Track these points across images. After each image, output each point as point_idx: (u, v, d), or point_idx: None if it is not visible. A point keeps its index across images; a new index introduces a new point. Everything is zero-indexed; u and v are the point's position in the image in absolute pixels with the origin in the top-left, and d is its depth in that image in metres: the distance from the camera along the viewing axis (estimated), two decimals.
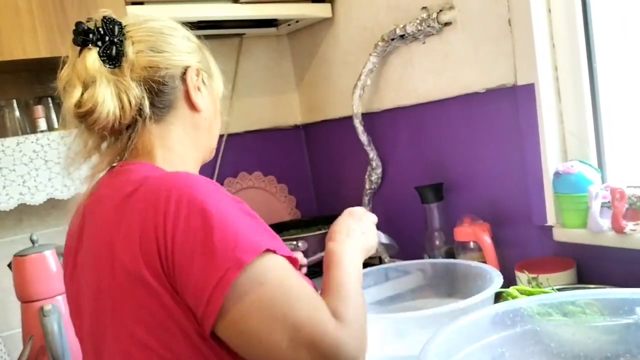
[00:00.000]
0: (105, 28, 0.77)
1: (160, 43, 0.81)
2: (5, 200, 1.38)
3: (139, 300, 0.68)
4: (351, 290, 0.76)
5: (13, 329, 1.46)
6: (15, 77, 1.55)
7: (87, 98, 0.75)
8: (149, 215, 0.68)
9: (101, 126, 0.77)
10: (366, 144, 1.70)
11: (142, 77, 0.78)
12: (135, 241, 0.68)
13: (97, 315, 0.75)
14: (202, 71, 0.86)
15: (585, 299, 0.86)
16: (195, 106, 0.84)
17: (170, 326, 0.68)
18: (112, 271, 0.70)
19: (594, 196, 1.14)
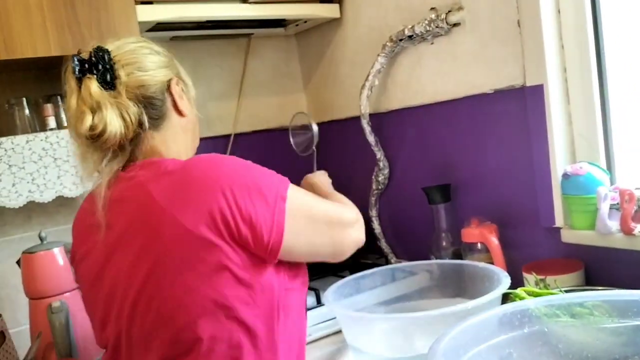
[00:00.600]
0: (97, 57, 0.88)
1: (145, 63, 0.93)
2: (14, 198, 1.38)
3: (196, 253, 0.82)
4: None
5: (21, 326, 1.47)
6: (25, 75, 1.56)
7: (97, 122, 0.86)
8: (210, 188, 0.84)
9: (110, 144, 0.88)
10: (373, 145, 1.70)
11: (136, 95, 0.90)
12: (196, 207, 0.83)
13: (151, 277, 0.85)
14: (180, 79, 0.99)
15: (594, 301, 0.86)
16: (181, 112, 0.97)
17: (221, 272, 0.84)
18: (172, 232, 0.83)
19: (603, 198, 1.13)
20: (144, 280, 0.85)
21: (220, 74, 1.92)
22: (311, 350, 1.29)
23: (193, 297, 0.84)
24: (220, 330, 0.85)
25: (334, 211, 0.97)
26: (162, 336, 0.86)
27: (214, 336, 0.85)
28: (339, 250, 0.98)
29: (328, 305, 1.16)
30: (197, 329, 0.84)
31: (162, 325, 0.86)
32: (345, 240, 0.98)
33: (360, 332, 1.15)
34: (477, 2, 1.34)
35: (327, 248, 0.96)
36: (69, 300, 1.35)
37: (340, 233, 0.97)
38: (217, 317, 0.85)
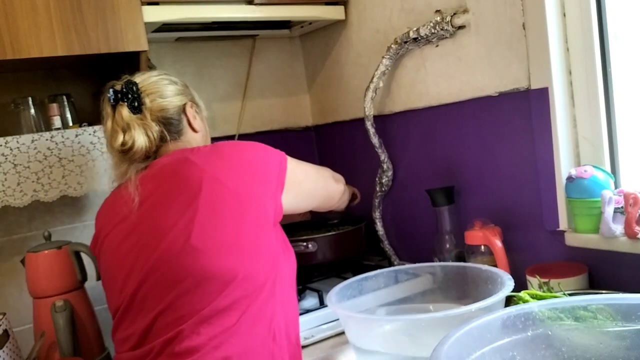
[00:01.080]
0: (127, 88, 1.14)
1: (164, 91, 1.18)
2: (19, 197, 1.39)
3: (238, 208, 1.06)
4: None
5: (25, 325, 1.48)
6: (31, 75, 1.57)
7: (127, 139, 1.11)
8: (244, 156, 1.12)
9: (138, 156, 1.13)
10: (377, 147, 1.70)
11: (158, 117, 1.15)
12: (240, 173, 1.09)
13: (203, 230, 1.04)
14: (194, 103, 1.24)
15: (597, 304, 0.86)
16: (195, 129, 1.22)
17: (260, 222, 1.08)
18: (212, 188, 1.05)
19: (607, 201, 1.13)
20: (183, 227, 1.03)
21: (224, 74, 1.92)
22: (314, 351, 1.29)
23: (223, 234, 1.04)
24: (250, 272, 1.05)
25: (324, 170, 1.33)
26: (191, 270, 1.03)
27: (246, 275, 1.04)
28: (334, 198, 1.35)
29: (331, 307, 1.16)
30: (225, 263, 1.03)
31: (193, 259, 1.02)
32: (337, 191, 1.35)
33: (363, 334, 1.15)
34: (482, 4, 1.34)
35: (325, 198, 1.32)
36: (73, 299, 1.35)
37: (334, 186, 1.34)
38: (250, 259, 1.05)
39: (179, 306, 1.03)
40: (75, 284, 1.38)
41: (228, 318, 1.02)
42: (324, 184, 1.29)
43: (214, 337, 1.01)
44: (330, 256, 1.65)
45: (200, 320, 1.01)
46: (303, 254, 1.58)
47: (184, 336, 1.01)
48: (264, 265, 1.07)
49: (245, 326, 1.03)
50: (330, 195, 1.32)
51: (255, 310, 1.05)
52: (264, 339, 1.06)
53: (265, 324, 1.06)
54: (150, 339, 1.05)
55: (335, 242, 1.63)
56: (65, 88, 1.59)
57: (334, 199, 1.35)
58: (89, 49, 1.34)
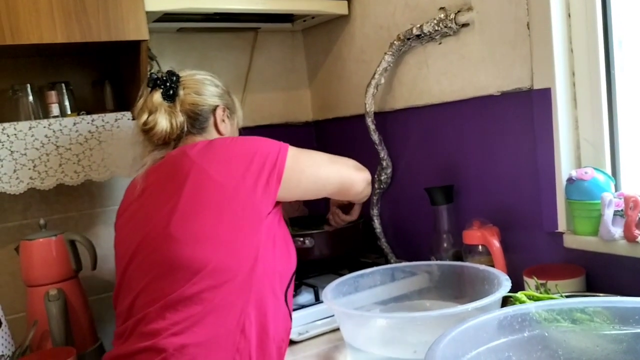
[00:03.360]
0: (167, 77, 1.22)
1: (201, 89, 1.25)
2: (15, 184, 1.38)
3: (222, 200, 1.08)
4: None
5: (18, 313, 1.47)
6: (30, 62, 1.56)
7: (150, 120, 1.19)
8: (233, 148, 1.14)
9: (157, 138, 1.20)
10: (377, 143, 1.69)
11: (187, 110, 1.23)
12: (230, 166, 1.11)
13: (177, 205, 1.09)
14: (227, 109, 1.31)
15: (595, 307, 0.85)
16: (220, 131, 1.28)
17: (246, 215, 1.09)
18: (197, 178, 1.09)
19: (607, 204, 1.12)
20: (165, 214, 1.08)
21: (225, 67, 1.91)
22: (309, 347, 1.28)
23: (198, 225, 1.07)
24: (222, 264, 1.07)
25: (328, 155, 1.29)
26: (165, 259, 1.07)
27: (216, 267, 1.06)
28: (347, 182, 1.29)
29: (326, 303, 1.15)
30: (197, 254, 1.06)
31: (168, 248, 1.07)
32: (352, 175, 1.30)
33: (358, 331, 1.15)
34: (487, 3, 1.33)
35: (336, 181, 1.27)
36: (67, 288, 1.34)
37: (346, 168, 1.30)
38: (227, 251, 1.07)
39: (152, 290, 1.08)
40: (70, 273, 1.37)
41: (193, 307, 1.04)
42: (337, 170, 1.27)
43: (177, 323, 1.04)
44: (327, 252, 1.64)
45: (167, 306, 1.05)
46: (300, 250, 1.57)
47: (150, 318, 1.06)
48: (241, 258, 1.08)
49: (211, 317, 1.05)
50: (346, 183, 1.28)
51: (223, 301, 1.06)
52: (230, 331, 1.06)
53: (233, 316, 1.06)
54: (130, 318, 1.11)
55: (332, 238, 1.63)
56: (64, 76, 1.58)
57: (354, 187, 1.30)
58: (89, 37, 1.33)
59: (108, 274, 1.61)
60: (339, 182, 1.27)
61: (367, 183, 1.34)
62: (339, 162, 1.29)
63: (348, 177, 1.28)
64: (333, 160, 1.28)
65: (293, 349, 1.27)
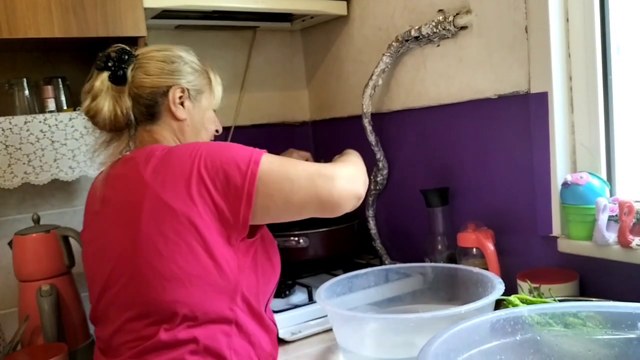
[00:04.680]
0: (118, 57, 1.06)
1: (152, 69, 1.08)
2: (9, 179, 1.37)
3: (169, 222, 0.95)
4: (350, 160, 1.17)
5: (10, 308, 1.46)
6: (27, 56, 1.55)
7: (92, 106, 1.05)
8: (187, 165, 0.97)
9: (101, 126, 1.06)
10: (374, 144, 1.69)
11: (135, 93, 1.06)
12: (176, 183, 0.96)
13: (125, 240, 0.98)
14: (187, 90, 1.10)
15: (587, 311, 0.85)
16: (176, 116, 1.09)
17: (190, 238, 0.95)
18: (150, 207, 0.96)
19: (602, 209, 1.13)
20: (131, 247, 0.97)
21: (223, 65, 1.90)
22: (301, 347, 1.28)
23: (165, 263, 0.95)
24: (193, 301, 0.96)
25: (311, 166, 1.03)
26: (138, 299, 0.98)
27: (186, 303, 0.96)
28: (328, 201, 1.01)
29: (320, 303, 1.15)
30: (168, 297, 0.95)
31: (138, 288, 0.97)
32: (334, 191, 1.00)
33: (351, 332, 1.14)
34: (486, 6, 1.33)
35: (313, 202, 1.00)
36: (59, 284, 1.34)
37: (325, 184, 1.00)
38: (186, 286, 0.95)
39: (129, 330, 0.99)
40: (62, 268, 1.36)
41: (172, 352, 0.96)
42: (315, 194, 1.01)
43: None
44: (321, 252, 1.64)
45: (146, 351, 0.97)
46: (294, 249, 1.57)
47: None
48: (215, 297, 0.97)
49: (195, 357, 0.97)
50: (327, 205, 1.03)
51: (206, 341, 0.97)
52: None
53: (219, 351, 0.98)
54: (108, 352, 1.04)
55: (326, 238, 1.63)
56: (61, 71, 1.57)
57: (340, 208, 1.03)
58: (87, 32, 1.33)
59: None
60: (319, 205, 1.01)
61: (357, 198, 1.05)
62: (318, 179, 1.00)
63: (329, 198, 1.00)
64: (312, 178, 1.00)
65: (286, 348, 1.27)
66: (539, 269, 1.28)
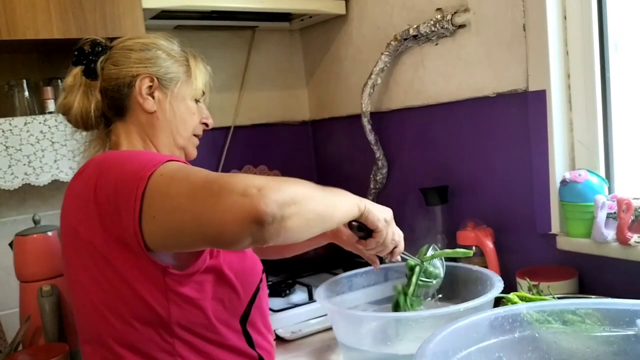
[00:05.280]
0: (91, 50, 0.99)
1: (120, 58, 0.99)
2: (10, 180, 1.38)
3: (80, 250, 0.87)
4: (298, 187, 0.79)
5: (11, 308, 1.47)
6: (26, 57, 1.55)
7: (64, 102, 0.99)
8: (91, 185, 0.85)
9: (74, 122, 1.00)
10: (373, 143, 1.69)
11: (103, 87, 0.98)
12: (80, 205, 0.87)
13: (67, 264, 0.94)
14: (157, 78, 0.99)
15: (586, 309, 0.85)
16: (144, 109, 0.99)
17: (101, 265, 0.85)
18: (67, 230, 0.91)
19: (600, 206, 1.13)
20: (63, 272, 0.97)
21: (222, 65, 1.91)
22: (301, 345, 1.28)
23: (84, 293, 0.88)
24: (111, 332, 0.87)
25: (204, 180, 0.75)
26: (77, 323, 0.95)
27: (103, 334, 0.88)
28: (211, 227, 0.72)
29: (319, 302, 1.15)
30: (94, 328, 0.89)
31: (75, 314, 0.95)
32: (216, 214, 0.71)
33: (351, 330, 1.15)
34: (484, 4, 1.33)
35: (194, 228, 0.74)
36: (60, 284, 1.34)
37: (210, 204, 0.72)
38: (107, 317, 0.87)
39: (85, 355, 0.95)
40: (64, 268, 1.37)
41: None
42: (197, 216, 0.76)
43: None
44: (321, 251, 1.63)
45: None
46: None
47: None
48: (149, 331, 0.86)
49: None
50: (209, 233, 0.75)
51: None
52: None
53: None
54: None
55: None
56: (60, 72, 1.56)
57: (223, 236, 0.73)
58: (85, 33, 1.33)
59: None
60: (201, 234, 0.75)
61: (256, 221, 0.70)
62: (201, 193, 0.74)
63: (209, 221, 0.73)
64: (194, 193, 0.75)
65: (286, 347, 1.27)
66: (538, 266, 1.29)
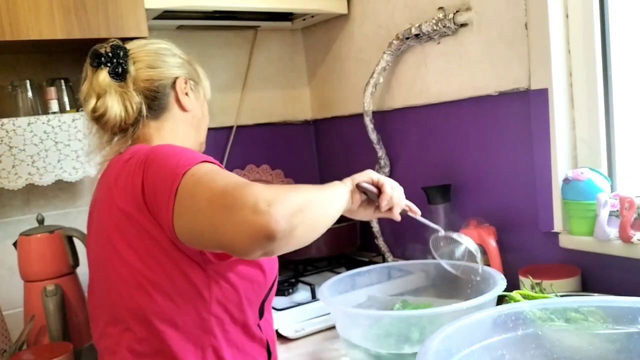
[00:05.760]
0: (113, 53, 1.02)
1: (156, 61, 1.05)
2: (14, 180, 1.38)
3: (127, 229, 0.91)
4: (301, 194, 0.86)
5: (15, 308, 1.47)
6: (30, 58, 1.56)
7: (99, 105, 1.00)
8: (139, 171, 0.90)
9: (111, 125, 1.01)
10: (375, 142, 1.69)
11: (142, 87, 1.02)
12: (127, 188, 0.91)
13: (98, 244, 0.98)
14: (190, 80, 1.09)
15: (589, 306, 0.86)
16: (183, 107, 1.07)
17: (148, 243, 0.89)
18: (110, 212, 0.94)
19: (603, 204, 1.13)
20: (99, 251, 0.98)
21: (225, 65, 1.91)
22: (304, 344, 1.29)
23: (129, 269, 0.92)
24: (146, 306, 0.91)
25: (222, 190, 0.78)
26: (106, 304, 0.97)
27: (138, 308, 0.92)
28: (225, 237, 0.77)
29: (323, 301, 1.16)
30: (134, 303, 0.92)
31: (109, 293, 0.95)
32: (229, 227, 0.76)
33: (354, 328, 1.15)
34: (485, 3, 1.33)
35: (211, 234, 0.80)
36: (64, 284, 1.35)
37: (224, 216, 0.76)
38: (150, 293, 0.91)
39: (106, 336, 0.97)
40: (67, 268, 1.37)
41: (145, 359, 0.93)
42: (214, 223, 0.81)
43: None
44: (324, 251, 1.65)
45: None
46: None
47: None
48: (180, 303, 0.91)
49: None
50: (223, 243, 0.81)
51: (176, 348, 0.92)
52: None
53: None
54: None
55: (329, 237, 1.62)
56: (63, 72, 1.58)
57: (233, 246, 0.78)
58: (88, 34, 1.34)
59: None
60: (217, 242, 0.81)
61: (266, 237, 0.74)
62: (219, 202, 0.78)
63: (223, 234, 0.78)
64: (212, 200, 0.79)
65: (289, 346, 1.28)
66: (541, 264, 1.29)
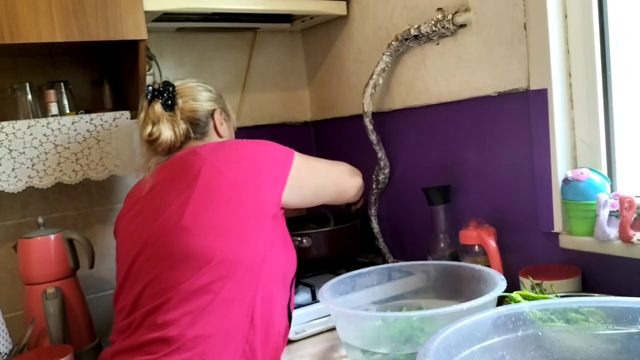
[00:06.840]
0: (164, 88, 1.27)
1: (197, 95, 1.31)
2: (13, 183, 1.38)
3: (234, 196, 1.13)
4: None
5: (16, 311, 1.47)
6: (30, 61, 1.56)
7: (154, 131, 1.24)
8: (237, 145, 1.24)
9: (162, 147, 1.25)
10: (375, 143, 1.69)
11: (187, 117, 1.28)
12: (229, 158, 1.18)
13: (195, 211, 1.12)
14: (223, 111, 1.36)
15: (589, 307, 0.86)
16: (220, 134, 1.34)
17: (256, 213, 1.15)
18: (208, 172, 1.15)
19: (603, 204, 1.13)
20: (178, 207, 1.12)
21: (224, 67, 1.91)
22: (305, 346, 1.29)
23: (209, 215, 1.11)
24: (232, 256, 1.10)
25: (331, 162, 1.39)
26: (177, 248, 1.10)
27: (225, 259, 1.09)
28: (344, 190, 1.40)
29: (323, 302, 1.16)
30: (206, 243, 1.09)
31: (181, 236, 1.10)
32: (350, 184, 1.41)
33: (354, 330, 1.15)
34: (484, 4, 1.33)
35: (332, 189, 1.37)
36: (64, 287, 1.35)
37: (345, 177, 1.40)
38: (237, 244, 1.10)
39: (162, 280, 1.09)
40: (67, 271, 1.38)
41: (204, 297, 1.07)
42: (334, 180, 1.37)
43: (188, 313, 1.06)
44: (324, 252, 1.64)
45: (178, 296, 1.07)
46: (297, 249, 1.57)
47: (161, 309, 1.07)
48: (250, 252, 1.11)
49: (222, 308, 1.08)
50: (342, 191, 1.39)
51: (232, 293, 1.08)
52: (239, 321, 1.09)
53: (243, 307, 1.09)
54: (136, 310, 1.11)
55: (329, 238, 1.63)
56: (63, 75, 1.58)
57: (348, 194, 1.41)
58: (88, 36, 1.34)
59: (106, 272, 1.61)
60: (335, 191, 1.37)
61: (359, 188, 1.44)
62: (336, 170, 1.38)
63: (343, 185, 1.38)
64: (331, 170, 1.37)
65: (289, 348, 1.28)
66: (541, 265, 1.29)
